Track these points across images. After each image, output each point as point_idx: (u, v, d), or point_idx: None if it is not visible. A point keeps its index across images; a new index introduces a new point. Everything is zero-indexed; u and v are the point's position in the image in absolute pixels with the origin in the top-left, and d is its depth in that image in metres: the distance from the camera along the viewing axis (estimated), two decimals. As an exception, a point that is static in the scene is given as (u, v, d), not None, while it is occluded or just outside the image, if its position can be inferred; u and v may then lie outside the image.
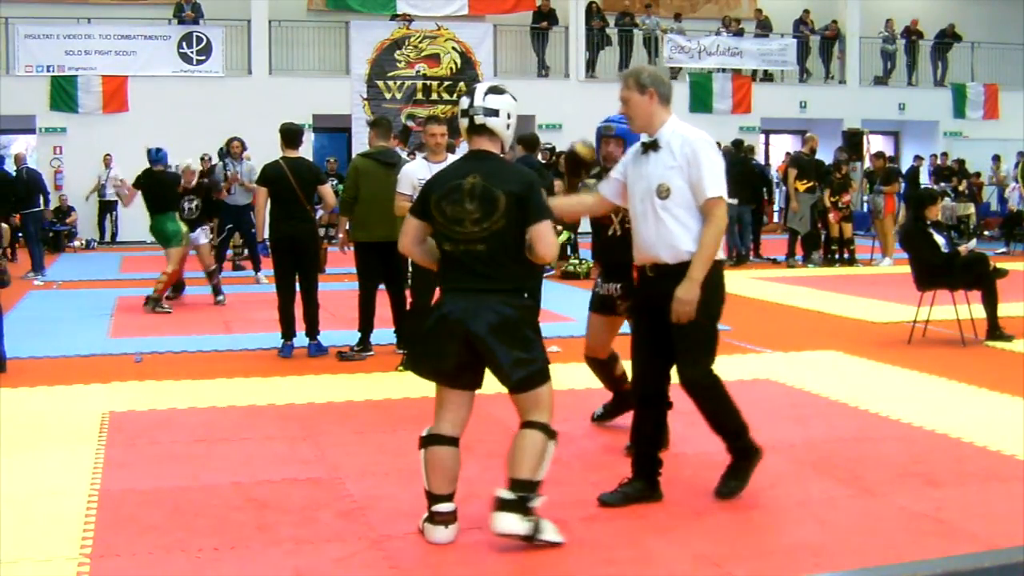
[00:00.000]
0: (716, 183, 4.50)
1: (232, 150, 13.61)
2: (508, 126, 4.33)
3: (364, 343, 8.38)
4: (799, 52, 24.42)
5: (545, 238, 4.14)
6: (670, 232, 4.53)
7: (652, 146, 4.62)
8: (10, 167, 15.53)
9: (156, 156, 11.33)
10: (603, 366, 6.06)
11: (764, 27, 24.50)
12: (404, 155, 10.42)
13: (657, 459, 4.81)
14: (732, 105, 23.62)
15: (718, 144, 17.31)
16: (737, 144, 17.52)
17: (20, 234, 15.90)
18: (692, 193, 4.50)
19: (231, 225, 13.73)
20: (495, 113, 4.27)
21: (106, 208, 20.03)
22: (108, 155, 19.43)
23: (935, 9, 25.85)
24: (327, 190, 8.77)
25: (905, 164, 22.82)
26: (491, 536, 4.35)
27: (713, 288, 4.54)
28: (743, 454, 4.82)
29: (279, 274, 8.48)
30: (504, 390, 7.34)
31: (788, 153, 18.15)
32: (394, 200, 7.78)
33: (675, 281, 4.49)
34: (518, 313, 4.17)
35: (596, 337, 5.96)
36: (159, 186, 11.22)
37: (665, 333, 4.58)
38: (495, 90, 4.33)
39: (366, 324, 8.41)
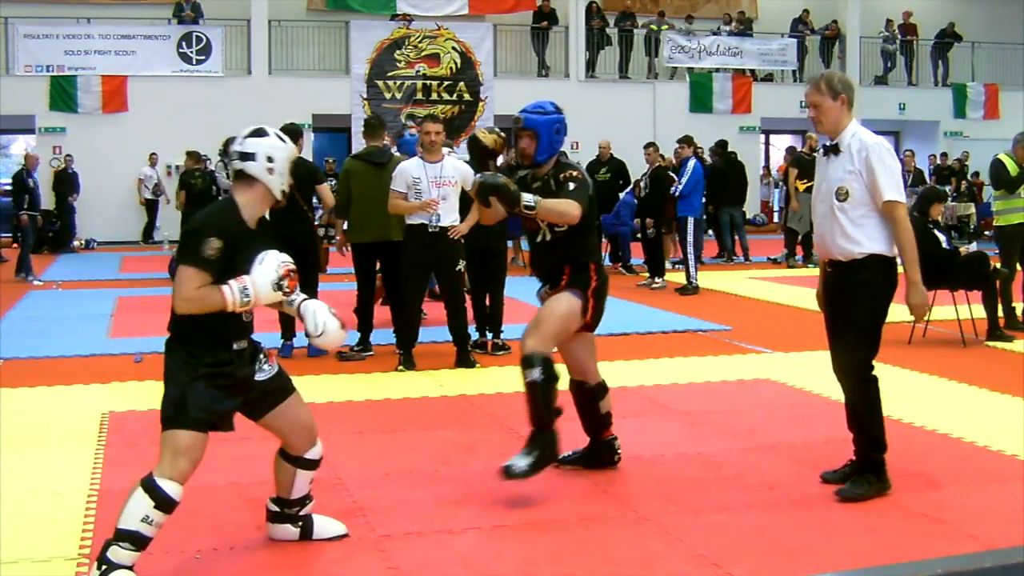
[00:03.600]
0: (892, 187, 4.67)
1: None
2: (270, 171, 4.00)
3: (364, 343, 8.38)
4: (799, 52, 24.42)
5: (175, 285, 3.86)
6: (846, 233, 4.74)
7: (833, 150, 4.85)
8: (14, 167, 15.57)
9: None
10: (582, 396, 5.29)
11: (747, 25, 24.49)
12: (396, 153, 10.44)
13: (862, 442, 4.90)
14: (732, 105, 23.62)
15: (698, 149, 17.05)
16: (722, 145, 17.53)
17: (19, 235, 15.78)
18: (871, 197, 4.69)
19: None
20: (251, 157, 3.99)
21: (150, 207, 20.06)
22: (155, 154, 19.46)
23: (935, 9, 25.86)
24: (325, 190, 8.76)
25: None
26: (491, 536, 4.36)
27: (875, 286, 4.75)
28: (875, 468, 4.82)
29: None
30: (501, 390, 7.35)
31: (788, 150, 18.20)
32: (388, 199, 7.80)
33: (851, 276, 4.76)
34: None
35: (565, 355, 5.29)
36: None
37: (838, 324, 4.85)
38: (257, 132, 4.08)
39: (365, 324, 8.41)
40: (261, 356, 4.06)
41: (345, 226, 8.69)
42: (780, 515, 4.60)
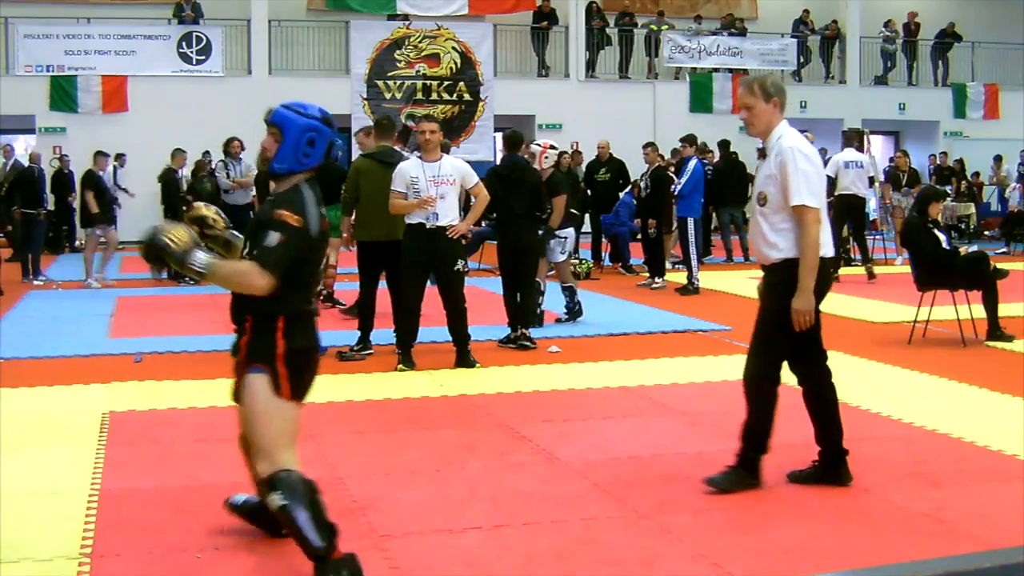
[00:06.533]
0: (801, 191, 4.66)
1: (231, 150, 13.59)
2: None
3: (364, 342, 8.39)
4: (799, 52, 24.43)
5: None
6: (765, 238, 4.80)
7: (762, 153, 4.91)
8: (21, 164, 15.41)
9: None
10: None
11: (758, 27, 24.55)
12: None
13: (833, 435, 5.03)
14: (732, 105, 23.59)
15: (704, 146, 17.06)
16: (724, 145, 17.54)
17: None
18: (785, 201, 4.71)
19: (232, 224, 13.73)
20: None
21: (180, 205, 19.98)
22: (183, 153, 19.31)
23: (935, 9, 25.85)
24: None
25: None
26: (492, 536, 4.36)
27: (788, 288, 4.72)
28: (747, 465, 4.90)
29: None
30: (501, 390, 7.35)
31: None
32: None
33: (768, 279, 4.86)
34: None
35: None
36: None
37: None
38: None
39: (366, 323, 8.42)
40: None
41: (351, 223, 8.74)
42: (780, 515, 4.61)
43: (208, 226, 4.26)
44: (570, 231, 10.21)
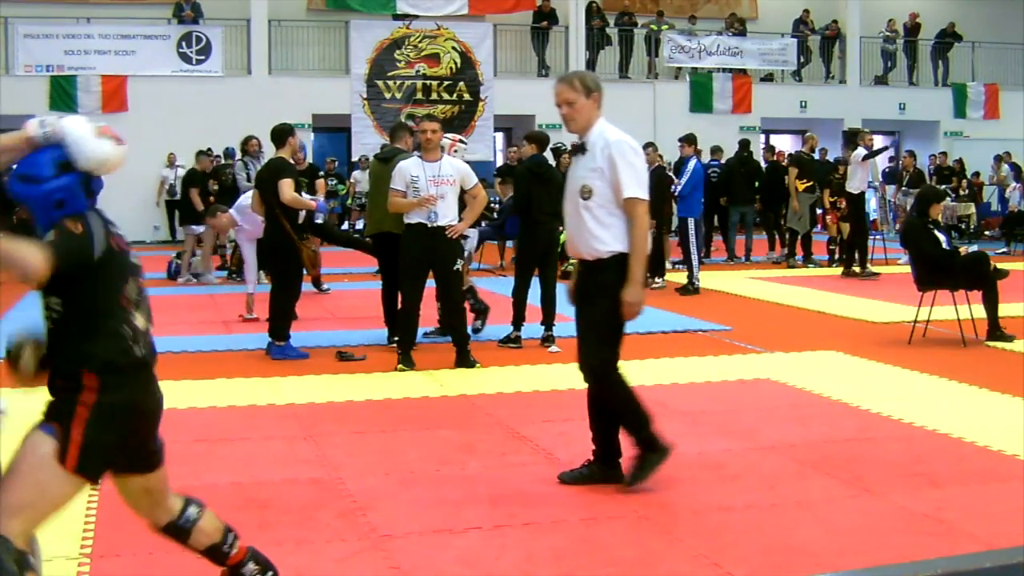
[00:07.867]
0: (634, 184, 4.74)
1: (249, 149, 13.53)
2: None
3: (391, 337, 8.49)
4: (799, 52, 24.43)
5: None
6: (590, 232, 4.79)
7: (581, 148, 4.94)
8: None
9: None
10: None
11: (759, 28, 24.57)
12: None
13: (612, 438, 5.02)
14: (732, 105, 23.62)
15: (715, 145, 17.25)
16: (743, 144, 17.59)
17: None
18: (614, 195, 4.76)
19: None
20: None
21: (175, 208, 19.95)
22: (172, 154, 19.32)
23: (935, 9, 25.86)
24: (281, 185, 8.23)
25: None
26: (492, 536, 4.36)
27: (616, 286, 4.74)
28: (648, 445, 4.94)
29: None
30: (501, 390, 7.35)
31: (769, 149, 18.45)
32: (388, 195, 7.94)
33: (595, 275, 4.80)
34: None
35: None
36: None
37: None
38: None
39: (389, 319, 8.65)
40: None
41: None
42: (780, 515, 4.61)
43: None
44: (474, 232, 10.31)
